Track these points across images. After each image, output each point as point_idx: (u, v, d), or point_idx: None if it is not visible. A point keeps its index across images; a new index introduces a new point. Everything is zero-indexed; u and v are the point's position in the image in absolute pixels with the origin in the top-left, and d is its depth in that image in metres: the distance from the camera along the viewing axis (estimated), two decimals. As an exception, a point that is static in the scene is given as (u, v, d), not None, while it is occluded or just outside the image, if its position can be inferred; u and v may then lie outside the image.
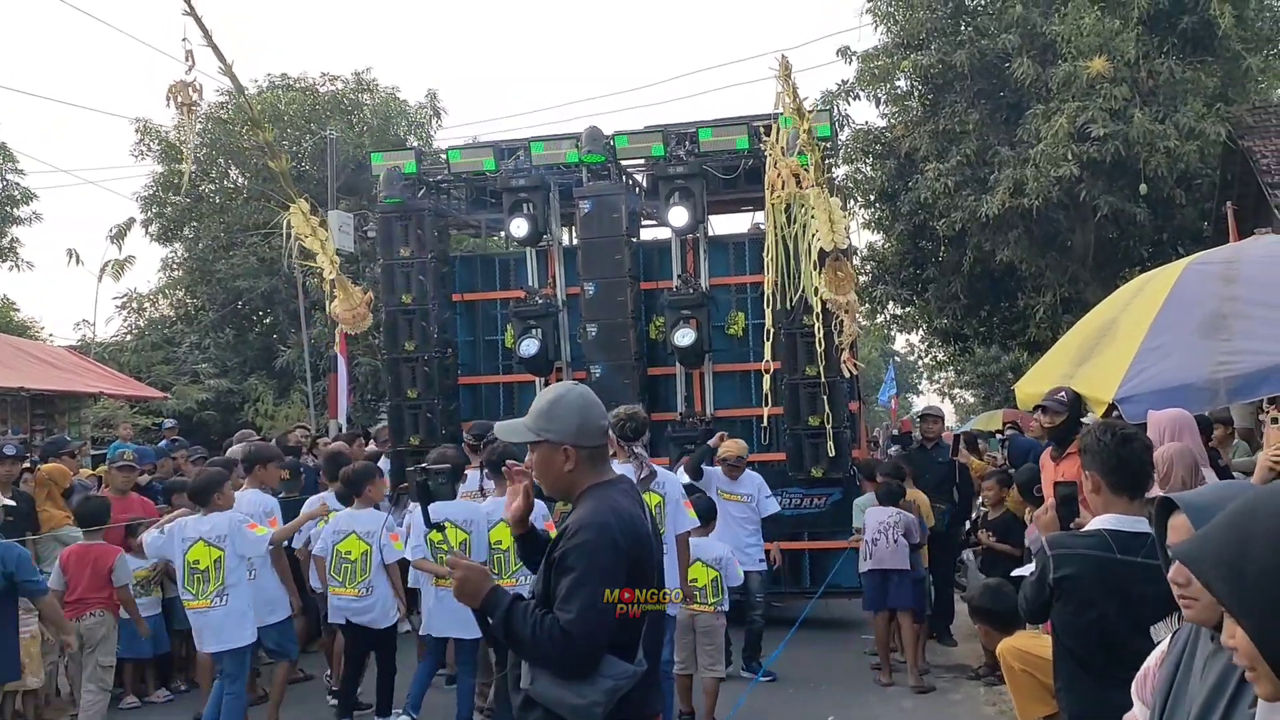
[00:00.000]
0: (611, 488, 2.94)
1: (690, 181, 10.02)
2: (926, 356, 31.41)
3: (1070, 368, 6.24)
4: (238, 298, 23.45)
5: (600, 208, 10.01)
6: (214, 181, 25.28)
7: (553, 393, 2.98)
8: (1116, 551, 3.27)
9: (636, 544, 2.82)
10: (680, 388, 10.37)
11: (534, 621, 2.72)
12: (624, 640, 2.77)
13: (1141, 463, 3.35)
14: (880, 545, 8.00)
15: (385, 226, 10.86)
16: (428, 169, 11.44)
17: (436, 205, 11.02)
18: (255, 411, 20.93)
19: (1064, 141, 13.77)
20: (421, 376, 10.53)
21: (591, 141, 10.22)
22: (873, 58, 16.90)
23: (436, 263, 10.71)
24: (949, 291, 18.12)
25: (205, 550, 6.26)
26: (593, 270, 10.00)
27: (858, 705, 7.51)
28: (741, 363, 10.36)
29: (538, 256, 10.82)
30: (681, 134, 10.37)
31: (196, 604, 6.29)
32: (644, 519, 2.92)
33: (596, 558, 2.72)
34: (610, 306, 9.91)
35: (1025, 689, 4.80)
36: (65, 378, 13.55)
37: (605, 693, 2.70)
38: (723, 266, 10.52)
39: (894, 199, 17.49)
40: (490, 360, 11.11)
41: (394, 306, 10.64)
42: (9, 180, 22.71)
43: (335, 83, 25.74)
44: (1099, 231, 15.91)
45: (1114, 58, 13.84)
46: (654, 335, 10.43)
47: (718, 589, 6.82)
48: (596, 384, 9.36)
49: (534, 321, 10.17)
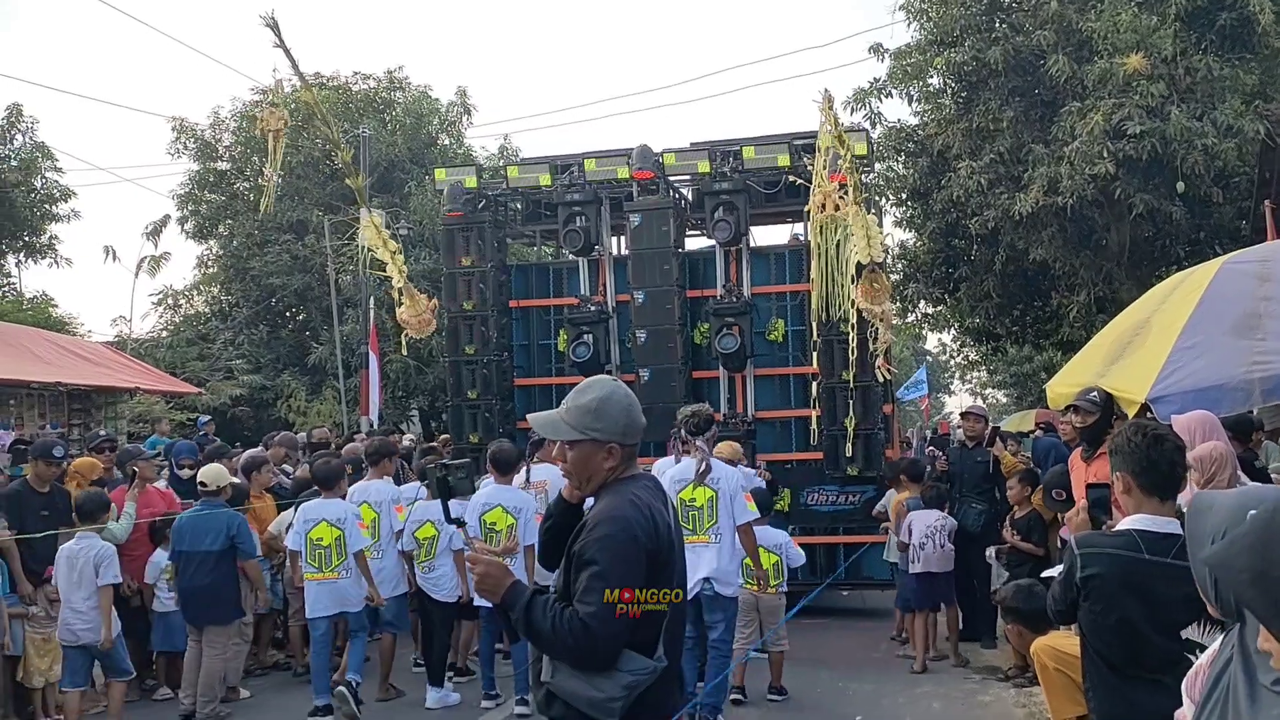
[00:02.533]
0: (634, 482, 2.94)
1: (734, 196, 10.75)
2: (959, 356, 31.22)
3: (1102, 367, 6.17)
4: (271, 295, 23.65)
5: (649, 221, 10.75)
6: (248, 179, 25.52)
7: (597, 391, 2.96)
8: (1145, 552, 3.25)
9: (656, 538, 2.82)
10: (723, 390, 11.01)
11: (553, 615, 2.73)
12: (644, 636, 2.76)
13: (1173, 464, 3.32)
14: (928, 549, 8.46)
15: (448, 238, 11.68)
16: (487, 183, 12.19)
17: (495, 217, 11.80)
18: (288, 408, 21.11)
19: (1099, 139, 13.61)
20: (480, 378, 11.29)
21: (641, 159, 10.88)
22: (905, 55, 16.77)
23: (495, 271, 11.50)
24: (981, 290, 17.98)
25: (328, 529, 7.33)
26: (642, 279, 10.74)
27: (886, 705, 7.49)
28: (781, 367, 11.10)
29: (589, 266, 11.53)
30: (726, 151, 11.04)
31: (321, 575, 7.31)
32: (665, 513, 2.92)
33: (616, 551, 2.73)
34: (658, 313, 10.65)
35: (1059, 688, 4.74)
36: (101, 373, 13.72)
37: (624, 688, 2.71)
38: (764, 276, 11.23)
39: (926, 197, 17.37)
40: (544, 363, 11.83)
41: (455, 312, 11.42)
42: (48, 178, 22.99)
43: (368, 81, 25.91)
44: (1135, 230, 15.73)
45: (1151, 54, 13.67)
46: (699, 340, 11.14)
47: (779, 571, 7.49)
48: (645, 386, 10.34)
49: (586, 327, 10.98)
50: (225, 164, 25.60)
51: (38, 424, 12.57)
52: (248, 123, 24.57)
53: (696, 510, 6.66)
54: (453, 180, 11.82)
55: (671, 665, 2.85)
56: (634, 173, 10.94)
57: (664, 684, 2.82)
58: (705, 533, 6.62)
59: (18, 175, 22.39)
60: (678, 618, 2.92)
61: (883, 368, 9.54)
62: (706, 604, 6.64)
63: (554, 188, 11.32)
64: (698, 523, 6.62)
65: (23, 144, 22.97)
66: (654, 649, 2.79)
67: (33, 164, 22.55)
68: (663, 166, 11.07)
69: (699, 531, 6.58)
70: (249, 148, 24.85)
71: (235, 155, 25.43)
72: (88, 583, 6.81)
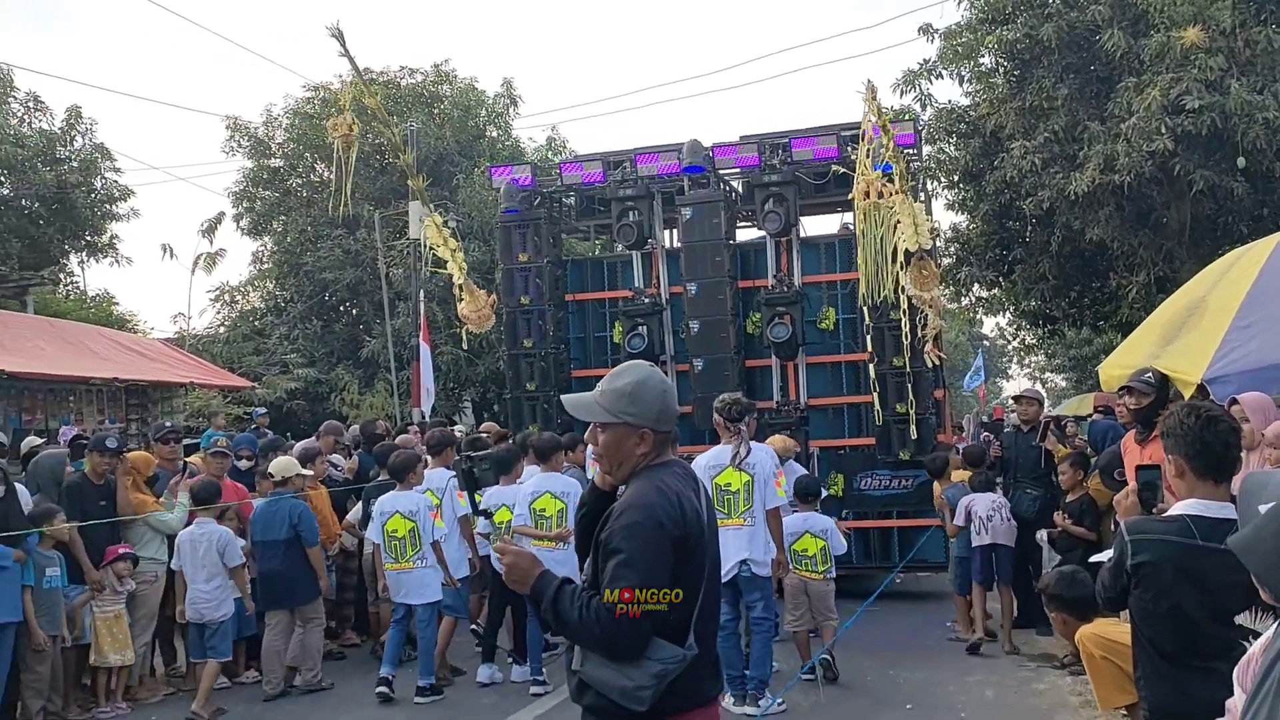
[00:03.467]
0: (665, 469, 2.91)
1: (784, 188, 10.94)
2: (1015, 340, 30.74)
3: (1156, 348, 6.03)
4: (324, 289, 23.90)
5: (700, 214, 10.93)
6: (301, 176, 25.80)
7: (632, 375, 2.96)
8: (1198, 538, 3.15)
9: (683, 524, 2.78)
10: (776, 378, 11.22)
11: (580, 604, 2.72)
12: (673, 623, 2.73)
13: (1227, 445, 3.21)
14: (995, 522, 8.58)
15: (505, 235, 12.00)
16: (542, 181, 12.44)
17: (550, 214, 12.10)
18: (341, 401, 21.33)
19: (1157, 115, 13.28)
20: (539, 371, 11.61)
21: (692, 153, 11.05)
22: (956, 35, 16.50)
23: (551, 266, 11.77)
24: (1037, 272, 17.65)
25: (402, 522, 7.65)
26: (695, 271, 10.91)
27: (938, 694, 7.38)
28: (832, 354, 11.24)
29: (643, 259, 11.77)
30: (775, 144, 11.22)
31: (398, 566, 7.67)
32: (695, 500, 2.88)
33: (642, 540, 2.71)
34: (711, 304, 10.82)
35: (1106, 677, 4.63)
36: (158, 368, 13.97)
37: (653, 676, 2.68)
38: (814, 265, 11.37)
39: (978, 179, 17.08)
40: (600, 355, 11.99)
41: (514, 307, 11.71)
42: (107, 179, 23.42)
43: (415, 75, 26.04)
44: (1195, 207, 15.33)
45: (1209, 27, 13.31)
46: (751, 330, 11.30)
47: (825, 556, 7.62)
48: (699, 376, 10.68)
49: (640, 319, 11.21)
50: (278, 161, 25.88)
51: (96, 419, 12.84)
52: (300, 120, 24.86)
53: (732, 494, 6.83)
54: (509, 178, 12.15)
55: (704, 652, 2.82)
56: (685, 166, 11.12)
57: (696, 671, 2.78)
58: (740, 516, 6.81)
59: (78, 176, 22.84)
60: (711, 604, 2.88)
61: (933, 353, 9.63)
62: (744, 585, 6.89)
63: (607, 184, 11.59)
64: (733, 506, 6.81)
65: (82, 145, 23.44)
66: (685, 636, 2.76)
67: (92, 165, 22.98)
68: (713, 160, 11.24)
69: (734, 515, 6.78)
70: (301, 144, 25.13)
71: (288, 152, 25.71)
72: (210, 565, 7.61)
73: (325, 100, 24.48)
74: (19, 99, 23.73)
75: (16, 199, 22.51)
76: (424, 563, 7.65)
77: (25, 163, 21.68)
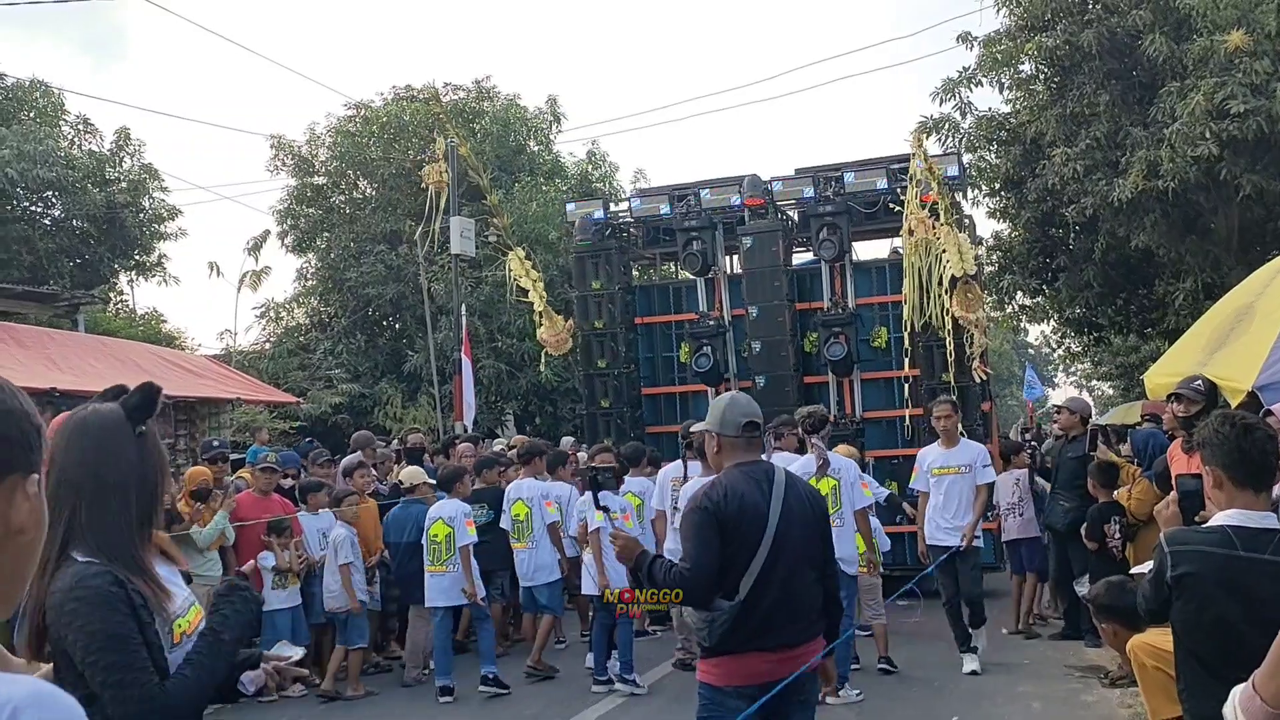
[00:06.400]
0: (735, 469, 3.87)
1: (837, 218, 11.75)
2: (1060, 348, 30.39)
3: (1203, 355, 5.96)
4: (367, 304, 24.10)
5: (760, 243, 11.89)
6: (344, 193, 26.07)
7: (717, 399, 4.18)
8: (1240, 548, 3.11)
9: (725, 505, 3.75)
10: (833, 393, 12.00)
11: (664, 570, 3.81)
12: (729, 584, 3.74)
13: (1265, 454, 3.17)
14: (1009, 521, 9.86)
15: (579, 264, 13.04)
16: (612, 214, 13.57)
17: (620, 244, 13.07)
18: (385, 414, 21.50)
19: (1201, 119, 13.11)
20: (611, 389, 12.52)
21: (752, 187, 12.07)
22: (995, 42, 16.40)
23: (622, 292, 12.69)
24: (1081, 280, 17.45)
25: (442, 526, 8.28)
26: (755, 296, 11.84)
27: (985, 705, 7.30)
28: (885, 370, 12.01)
29: (707, 285, 12.63)
30: (829, 176, 12.12)
31: (436, 569, 8.26)
32: (755, 494, 3.78)
33: (691, 525, 3.82)
34: (771, 326, 11.73)
35: (1158, 687, 4.55)
36: (204, 385, 14.18)
37: (705, 620, 3.78)
38: (866, 288, 12.21)
39: (1020, 186, 16.94)
40: (668, 374, 12.96)
41: (588, 331, 12.66)
42: (155, 199, 23.84)
43: (458, 92, 26.25)
44: (1243, 212, 15.11)
45: (1253, 30, 13.13)
46: (808, 349, 12.13)
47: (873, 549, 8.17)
48: (761, 392, 11.19)
49: (705, 340, 12.12)
50: (321, 178, 26.17)
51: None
52: (342, 138, 25.14)
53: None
54: (582, 213, 13.30)
55: (759, 605, 3.71)
56: (745, 200, 12.03)
57: (747, 619, 3.71)
58: (832, 518, 6.84)
59: (127, 196, 23.29)
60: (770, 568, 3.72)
61: (980, 369, 10.56)
62: None
63: (673, 216, 12.57)
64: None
65: (131, 166, 23.91)
66: (735, 594, 3.71)
67: (141, 185, 23.43)
68: (771, 192, 12.18)
69: None
70: (344, 162, 25.39)
71: (331, 170, 25.99)
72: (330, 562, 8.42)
73: (366, 119, 24.77)
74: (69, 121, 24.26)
75: (68, 219, 22.98)
76: (454, 568, 8.21)
77: (76, 184, 22.14)
